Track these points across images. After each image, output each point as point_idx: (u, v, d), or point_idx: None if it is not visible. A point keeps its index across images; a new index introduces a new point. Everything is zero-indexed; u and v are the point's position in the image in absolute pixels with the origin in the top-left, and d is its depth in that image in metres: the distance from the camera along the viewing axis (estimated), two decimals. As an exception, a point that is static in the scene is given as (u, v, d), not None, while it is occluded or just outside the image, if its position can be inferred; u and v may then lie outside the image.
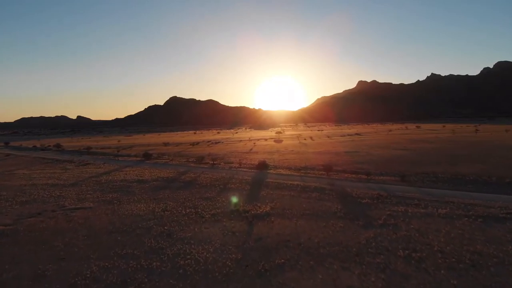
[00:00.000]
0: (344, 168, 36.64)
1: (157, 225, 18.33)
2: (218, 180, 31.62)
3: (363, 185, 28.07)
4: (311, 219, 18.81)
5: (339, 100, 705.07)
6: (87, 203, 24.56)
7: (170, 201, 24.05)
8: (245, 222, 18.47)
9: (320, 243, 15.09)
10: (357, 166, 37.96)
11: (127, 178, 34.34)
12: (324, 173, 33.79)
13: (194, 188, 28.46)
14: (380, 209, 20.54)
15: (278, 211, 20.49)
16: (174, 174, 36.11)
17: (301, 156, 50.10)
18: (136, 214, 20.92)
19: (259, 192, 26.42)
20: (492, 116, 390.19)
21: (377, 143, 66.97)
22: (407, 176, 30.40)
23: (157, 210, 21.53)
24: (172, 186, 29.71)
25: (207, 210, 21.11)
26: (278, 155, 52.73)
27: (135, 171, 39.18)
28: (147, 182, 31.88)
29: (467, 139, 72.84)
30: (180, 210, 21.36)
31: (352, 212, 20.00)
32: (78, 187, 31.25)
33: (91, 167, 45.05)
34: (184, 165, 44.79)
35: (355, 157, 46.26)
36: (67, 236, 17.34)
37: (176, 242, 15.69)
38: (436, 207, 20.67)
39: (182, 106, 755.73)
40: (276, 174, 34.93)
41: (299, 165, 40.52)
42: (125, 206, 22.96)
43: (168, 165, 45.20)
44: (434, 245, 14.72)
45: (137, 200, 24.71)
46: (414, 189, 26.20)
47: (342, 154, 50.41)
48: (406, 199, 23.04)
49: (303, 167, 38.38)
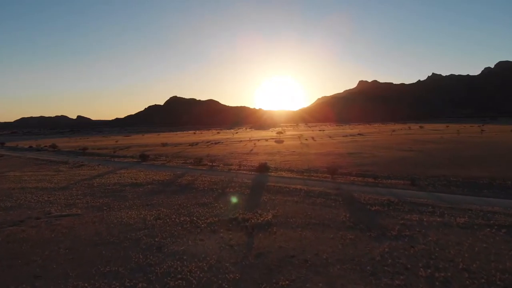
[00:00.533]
0: (349, 170, 34.89)
1: (147, 236, 16.60)
2: (216, 184, 29.89)
3: (371, 189, 26.32)
4: (317, 229, 17.06)
5: (339, 100, 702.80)
6: (74, 210, 22.86)
7: (164, 207, 22.32)
8: (245, 233, 16.73)
9: (329, 259, 13.34)
10: (363, 168, 36.22)
11: (120, 181, 32.62)
12: (328, 176, 32.05)
13: (190, 193, 26.73)
14: (392, 218, 18.80)
15: (281, 219, 18.75)
16: (170, 177, 34.39)
17: (303, 157, 48.37)
18: (125, 222, 19.19)
19: (259, 197, 24.68)
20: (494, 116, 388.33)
21: (380, 144, 65.20)
22: (417, 180, 28.64)
23: (148, 218, 19.80)
24: (167, 190, 27.98)
25: (203, 218, 19.37)
26: (279, 156, 51.01)
27: (130, 174, 37.47)
28: (141, 186, 30.17)
29: (473, 139, 71.06)
30: (174, 218, 19.63)
31: (362, 221, 18.25)
32: (68, 191, 29.56)
33: (85, 169, 43.36)
34: (181, 167, 43.07)
35: (359, 158, 44.52)
36: (47, 249, 15.64)
37: (167, 257, 13.95)
38: (453, 216, 18.94)
39: (182, 106, 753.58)
40: (278, 177, 33.19)
41: (302, 167, 38.79)
42: (115, 213, 21.24)
43: (165, 167, 43.48)
44: (458, 262, 12.97)
45: (129, 206, 22.99)
46: (426, 195, 24.45)
47: (346, 155, 48.67)
48: (419, 205, 21.29)
49: (305, 170, 36.65)
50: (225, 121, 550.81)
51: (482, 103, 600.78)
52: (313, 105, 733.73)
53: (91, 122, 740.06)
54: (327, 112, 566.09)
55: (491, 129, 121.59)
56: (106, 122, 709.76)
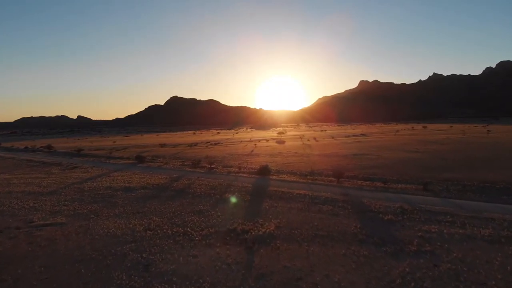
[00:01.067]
0: (355, 173, 32.97)
1: (134, 251, 14.73)
2: (214, 188, 27.99)
3: (381, 195, 24.40)
4: (325, 243, 15.17)
5: (340, 100, 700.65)
6: (59, 218, 20.99)
7: (156, 215, 20.43)
8: (244, 247, 14.84)
9: (342, 282, 11.46)
10: (369, 171, 34.30)
11: (113, 185, 30.74)
12: (334, 179, 30.14)
13: (186, 198, 24.84)
14: (408, 229, 16.91)
15: (285, 231, 16.86)
16: (165, 181, 32.49)
17: (306, 159, 46.45)
18: (112, 234, 17.32)
19: (260, 204, 22.78)
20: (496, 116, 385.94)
21: (385, 145, 63.23)
22: (429, 184, 26.72)
23: (138, 229, 17.93)
24: (161, 196, 26.09)
25: (198, 229, 17.49)
26: (280, 158, 49.08)
27: (123, 177, 35.59)
28: (134, 190, 28.28)
29: (480, 140, 69.11)
30: (166, 228, 17.75)
31: (375, 233, 16.36)
32: (56, 195, 27.68)
33: (78, 172, 41.50)
34: (178, 169, 41.18)
35: (364, 160, 42.59)
36: (21, 266, 13.80)
37: (154, 279, 12.08)
38: (475, 226, 17.07)
39: (183, 106, 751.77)
40: (280, 180, 31.29)
41: (305, 169, 36.88)
42: (102, 223, 19.36)
43: (161, 169, 41.60)
44: (492, 286, 11.11)
45: (118, 214, 21.11)
46: (441, 201, 22.54)
47: (350, 156, 46.74)
48: (436, 214, 19.39)
49: (309, 172, 34.74)
50: (226, 121, 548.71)
51: (483, 103, 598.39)
52: (313, 105, 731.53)
53: (91, 122, 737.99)
54: (328, 112, 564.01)
55: (496, 129, 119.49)
56: (106, 122, 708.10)
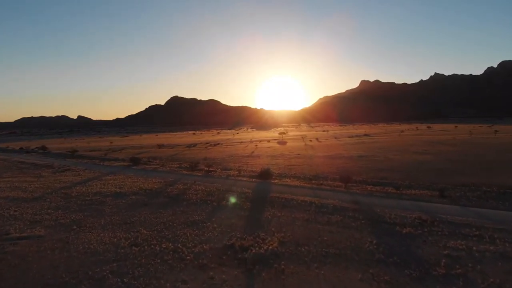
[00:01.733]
0: (363, 177, 30.74)
1: (114, 274, 12.58)
2: (212, 194, 25.80)
3: (394, 202, 22.18)
4: (338, 264, 12.97)
5: (341, 100, 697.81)
6: (38, 229, 18.85)
7: (145, 227, 18.26)
8: (243, 270, 12.65)
9: (364, 321, 9.24)
10: (378, 174, 32.06)
11: (103, 191, 28.58)
12: (341, 184, 27.91)
13: (180, 206, 22.65)
14: (432, 245, 14.71)
15: (290, 248, 14.67)
16: (160, 185, 30.31)
17: (309, 161, 44.19)
18: (93, 250, 15.16)
19: (262, 212, 20.59)
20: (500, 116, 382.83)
21: (391, 146, 60.88)
22: (445, 190, 24.49)
23: (123, 244, 15.77)
24: (153, 203, 23.91)
25: (191, 245, 15.32)
26: (283, 159, 46.83)
27: (116, 181, 33.43)
28: (125, 197, 26.11)
29: (488, 141, 66.76)
30: (154, 244, 15.58)
31: (394, 250, 14.16)
32: (41, 202, 25.54)
33: (69, 175, 39.35)
34: (174, 172, 38.99)
35: (372, 162, 40.33)
36: (-20, 292, 11.62)
37: (132, 314, 9.88)
38: (507, 241, 14.93)
39: (183, 106, 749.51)
40: (282, 185, 29.08)
41: (309, 173, 34.66)
42: (83, 236, 17.20)
43: (157, 172, 39.42)
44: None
45: (103, 225, 18.94)
46: (462, 210, 20.31)
47: (356, 158, 44.47)
48: (460, 226, 17.19)
49: (314, 176, 32.51)
50: (226, 121, 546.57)
51: (485, 103, 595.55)
52: (314, 105, 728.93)
53: (91, 122, 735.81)
54: (329, 112, 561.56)
55: (502, 129, 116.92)
56: (106, 122, 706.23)
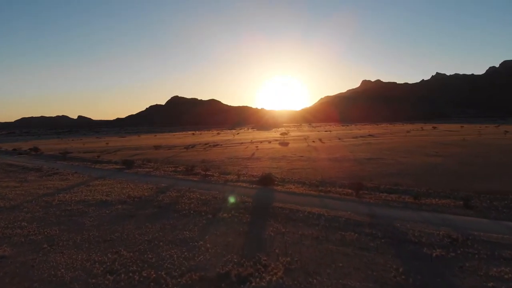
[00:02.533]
0: (375, 183, 27.89)
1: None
2: (207, 204, 23.00)
3: (415, 215, 19.34)
4: (362, 305, 10.13)
5: (342, 99, 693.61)
6: (4, 248, 16.20)
7: (126, 247, 15.47)
8: (240, 315, 9.82)
9: None
10: (391, 180, 29.20)
11: (87, 199, 25.79)
12: (351, 192, 25.07)
13: (170, 219, 19.85)
14: (471, 274, 11.89)
15: (298, 278, 11.85)
16: (150, 192, 27.50)
17: (314, 164, 41.28)
18: (59, 279, 12.40)
19: (263, 228, 17.77)
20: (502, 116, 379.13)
21: (399, 147, 57.86)
22: (470, 199, 21.64)
23: (96, 271, 12.99)
24: (140, 214, 21.11)
25: (177, 273, 12.52)
26: (285, 162, 43.93)
27: (104, 187, 30.64)
28: (110, 206, 23.33)
29: (499, 142, 63.79)
30: (133, 271, 12.79)
31: (427, 282, 11.33)
32: (16, 212, 22.79)
33: (55, 179, 36.59)
34: (169, 176, 36.18)
35: (382, 166, 37.45)
36: None
37: None
38: None
39: (184, 105, 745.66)
40: (286, 192, 26.26)
41: (314, 177, 31.82)
42: (53, 258, 14.44)
43: (150, 176, 36.63)
44: None
45: (79, 244, 16.17)
46: (494, 225, 17.47)
47: (364, 161, 41.57)
48: (498, 247, 14.37)
49: (320, 182, 29.67)
50: (227, 121, 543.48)
51: (487, 103, 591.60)
52: (316, 105, 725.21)
53: (91, 122, 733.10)
54: (330, 112, 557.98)
55: (509, 129, 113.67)
56: (107, 122, 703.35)
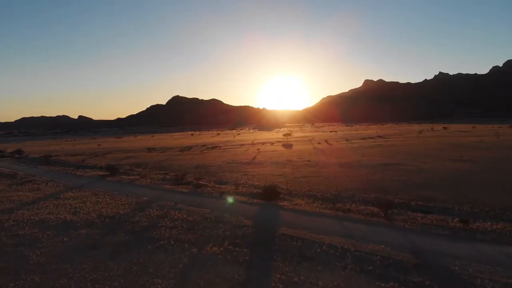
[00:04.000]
0: (403, 198, 22.71)
1: None
2: (194, 228, 17.91)
3: (473, 250, 14.18)
4: None
5: (345, 99, 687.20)
6: None
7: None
8: None
9: None
10: (421, 193, 24.02)
11: (49, 218, 20.75)
12: (377, 210, 19.91)
13: (141, 253, 14.76)
14: None
15: None
16: (127, 209, 22.41)
17: (324, 170, 36.07)
18: None
19: (267, 273, 12.66)
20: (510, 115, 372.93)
21: (416, 150, 52.43)
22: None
23: None
24: (106, 244, 16.04)
25: None
26: (291, 168, 38.75)
27: (75, 200, 25.59)
28: (73, 230, 18.28)
29: (523, 144, 58.44)
30: None
31: None
32: (-49, 238, 17.71)
33: (25, 189, 31.56)
34: (155, 186, 31.09)
35: (403, 173, 32.22)
36: None
37: None
38: None
39: (185, 105, 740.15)
40: (295, 211, 21.14)
41: (327, 188, 26.68)
42: None
43: (133, 186, 31.59)
44: None
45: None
46: None
47: (380, 167, 36.35)
48: None
49: (335, 195, 24.54)
50: (228, 121, 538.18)
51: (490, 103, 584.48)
52: (317, 105, 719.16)
53: (92, 122, 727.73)
54: (332, 112, 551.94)
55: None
56: (107, 122, 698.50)
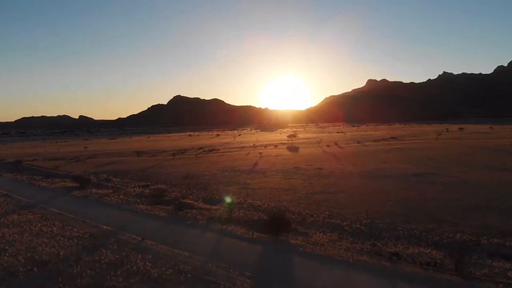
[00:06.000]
0: (465, 230, 15.83)
1: None
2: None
3: None
4: None
5: (347, 99, 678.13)
6: None
7: None
8: None
9: None
10: (484, 221, 17.11)
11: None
12: (440, 256, 13.06)
13: None
14: None
15: None
16: (72, 249, 15.65)
17: (342, 183, 29.06)
18: None
19: None
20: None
21: (442, 155, 45.02)
22: None
23: None
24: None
25: None
26: (300, 179, 31.75)
27: (13, 229, 18.95)
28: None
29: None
30: None
31: None
32: None
33: (-36, 207, 24.87)
34: (126, 206, 24.23)
35: (444, 188, 25.21)
36: None
37: None
38: None
39: (186, 105, 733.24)
40: (316, 258, 14.35)
41: (353, 212, 19.81)
42: None
43: (100, 205, 24.85)
44: None
45: None
46: None
47: (412, 179, 29.27)
48: None
49: (366, 224, 17.67)
50: (230, 121, 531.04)
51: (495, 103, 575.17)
52: (320, 105, 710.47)
53: (92, 122, 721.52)
54: (335, 112, 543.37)
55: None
56: (108, 122, 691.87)
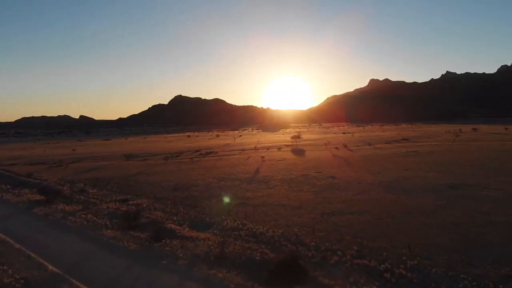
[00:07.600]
0: None
1: None
2: None
3: None
4: None
5: (350, 99, 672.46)
6: None
7: None
8: None
9: None
10: None
11: None
12: None
13: None
14: None
15: None
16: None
17: (364, 198, 23.69)
18: None
19: None
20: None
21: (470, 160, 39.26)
22: None
23: None
24: None
25: None
26: (311, 192, 26.31)
27: None
28: None
29: None
30: None
31: None
32: None
33: None
34: (89, 233, 19.00)
35: (495, 207, 19.92)
36: None
37: None
38: None
39: (188, 105, 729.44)
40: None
41: (389, 245, 14.55)
42: None
43: (59, 229, 19.68)
44: None
45: None
46: None
47: (448, 192, 23.97)
48: None
49: (413, 267, 12.39)
50: (232, 120, 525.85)
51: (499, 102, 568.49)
52: (322, 105, 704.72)
53: (93, 122, 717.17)
54: (337, 111, 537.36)
55: None
56: (109, 122, 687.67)
